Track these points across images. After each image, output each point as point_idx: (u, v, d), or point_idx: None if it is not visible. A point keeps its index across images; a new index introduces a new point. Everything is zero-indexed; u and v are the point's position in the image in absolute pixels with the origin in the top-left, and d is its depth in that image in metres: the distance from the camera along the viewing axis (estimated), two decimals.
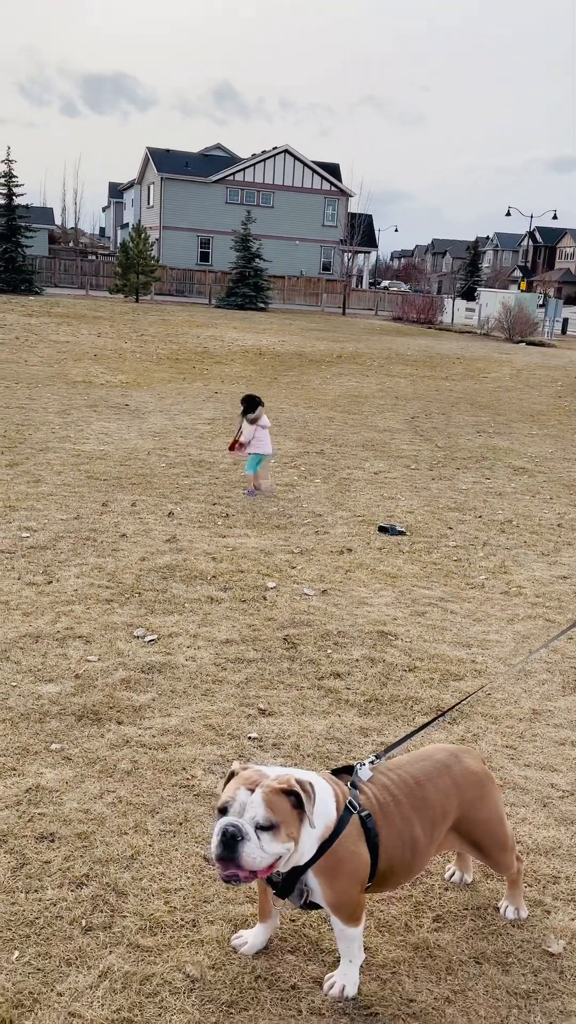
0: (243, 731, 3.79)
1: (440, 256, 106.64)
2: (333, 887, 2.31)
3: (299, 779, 2.27)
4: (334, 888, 2.31)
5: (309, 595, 5.55)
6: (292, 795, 2.23)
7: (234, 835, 2.16)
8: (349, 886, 2.32)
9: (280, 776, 2.27)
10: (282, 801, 2.21)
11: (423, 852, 2.50)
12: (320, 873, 2.30)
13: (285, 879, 2.32)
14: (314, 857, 2.29)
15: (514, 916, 2.77)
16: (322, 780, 2.39)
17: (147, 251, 39.04)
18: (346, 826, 2.32)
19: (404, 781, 2.52)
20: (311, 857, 2.29)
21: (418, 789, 2.51)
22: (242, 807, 2.20)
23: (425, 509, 8.00)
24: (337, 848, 2.30)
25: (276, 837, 2.19)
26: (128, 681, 4.19)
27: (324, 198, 55.78)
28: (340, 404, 14.34)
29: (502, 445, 11.63)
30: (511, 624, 5.31)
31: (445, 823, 2.55)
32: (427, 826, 2.49)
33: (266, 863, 2.20)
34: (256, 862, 2.17)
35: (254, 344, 23.17)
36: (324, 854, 2.29)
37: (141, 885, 2.81)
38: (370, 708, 4.10)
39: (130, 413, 11.90)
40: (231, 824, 2.18)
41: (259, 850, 2.17)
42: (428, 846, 2.51)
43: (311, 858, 2.29)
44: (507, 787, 3.49)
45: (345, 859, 2.31)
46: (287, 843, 2.21)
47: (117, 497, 7.55)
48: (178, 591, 5.42)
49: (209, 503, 7.61)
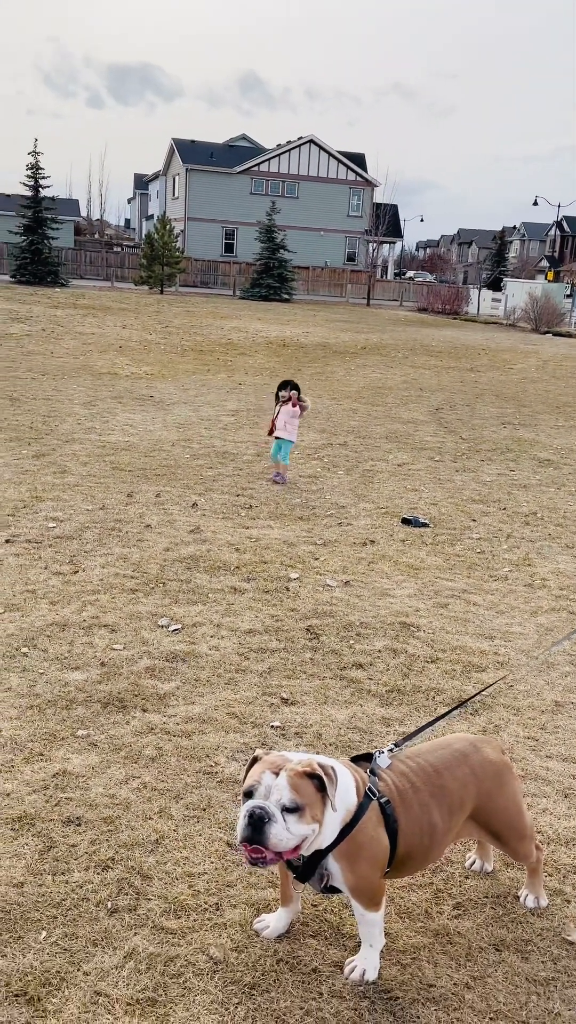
0: (266, 720, 3.84)
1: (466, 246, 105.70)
2: (353, 871, 2.34)
3: (321, 763, 2.31)
4: (354, 872, 2.35)
5: (332, 586, 5.57)
6: (315, 778, 2.27)
7: (261, 817, 2.20)
8: (369, 871, 2.36)
9: (303, 760, 2.31)
10: (306, 784, 2.25)
11: (441, 839, 2.53)
12: (340, 857, 2.34)
13: (306, 863, 2.36)
14: (335, 841, 2.33)
15: (534, 905, 2.79)
16: (342, 766, 2.43)
17: (172, 242, 39.11)
18: (366, 812, 2.35)
19: (422, 769, 2.55)
20: (332, 841, 2.33)
21: (436, 777, 2.54)
22: (267, 790, 2.24)
23: (449, 501, 7.99)
24: (357, 833, 2.33)
25: (301, 819, 2.22)
26: (153, 669, 4.25)
27: (349, 188, 55.49)
28: (364, 395, 14.32)
29: (527, 437, 11.56)
30: (534, 616, 5.30)
31: (463, 811, 2.57)
32: (444, 813, 2.52)
33: (292, 844, 2.24)
34: (282, 843, 2.21)
35: (278, 335, 23.17)
36: (345, 839, 2.33)
37: (165, 869, 2.86)
38: (392, 698, 4.13)
39: (155, 404, 11.97)
40: (258, 806, 2.22)
41: (285, 831, 2.21)
42: (446, 833, 2.54)
43: (331, 842, 2.33)
44: (529, 778, 3.51)
45: (365, 844, 2.34)
46: (312, 825, 2.25)
47: (142, 488, 7.62)
48: (202, 581, 5.47)
49: (232, 494, 7.65)
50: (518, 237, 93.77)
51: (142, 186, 77.72)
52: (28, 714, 3.76)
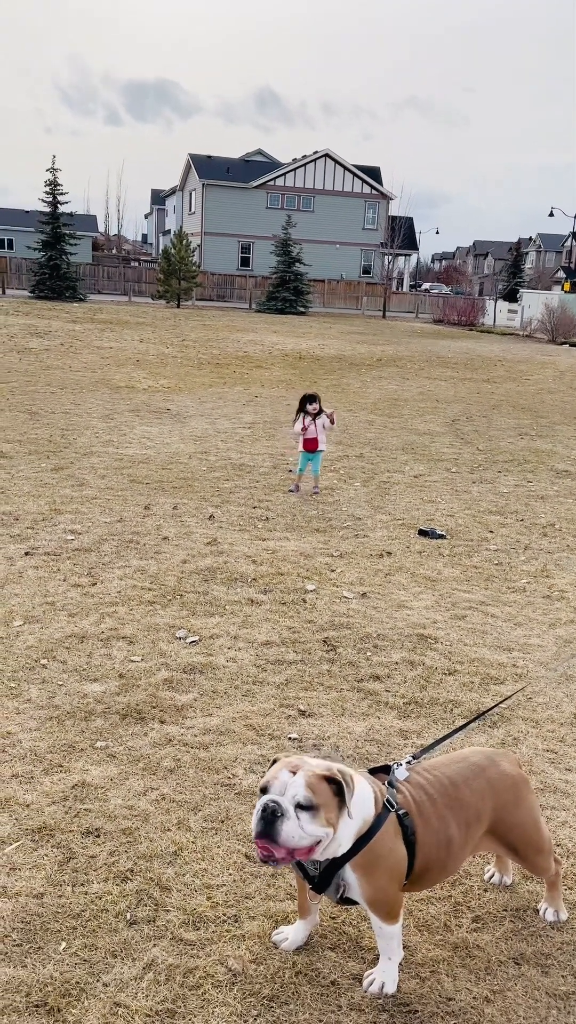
0: (283, 731, 3.84)
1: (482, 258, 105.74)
2: (371, 883, 2.34)
3: (341, 769, 2.31)
4: (372, 884, 2.34)
5: (348, 598, 5.57)
6: (333, 783, 2.27)
7: (274, 811, 2.20)
8: (387, 882, 2.35)
9: (322, 764, 2.32)
10: (323, 786, 2.26)
11: (458, 852, 2.53)
12: (357, 868, 2.33)
13: (322, 873, 2.36)
14: (352, 852, 2.33)
15: (553, 918, 2.77)
16: (361, 777, 2.43)
17: (188, 257, 39.44)
18: (384, 823, 2.35)
19: (439, 781, 2.55)
20: (349, 852, 2.33)
21: (453, 790, 2.54)
22: (283, 786, 2.24)
23: (466, 512, 7.97)
24: (375, 844, 2.33)
25: (315, 818, 2.22)
26: (170, 681, 4.26)
27: (364, 202, 55.74)
28: (380, 407, 14.33)
29: (544, 448, 11.52)
30: (553, 628, 5.28)
31: (480, 825, 2.56)
32: (462, 826, 2.51)
33: (304, 844, 2.23)
34: (294, 840, 2.20)
35: (294, 348, 23.26)
36: (362, 850, 2.33)
37: (184, 880, 2.87)
38: (410, 711, 4.12)
39: (172, 417, 12.05)
40: (271, 800, 2.21)
41: (298, 829, 2.20)
42: (463, 846, 2.53)
43: (349, 853, 2.33)
44: (547, 791, 3.49)
45: (383, 855, 2.34)
46: (326, 828, 2.24)
47: (159, 500, 7.66)
48: (219, 593, 5.49)
49: (249, 506, 7.68)
50: (534, 248, 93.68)
51: (159, 201, 78.42)
52: (47, 725, 3.79)
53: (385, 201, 56.13)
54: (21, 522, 6.72)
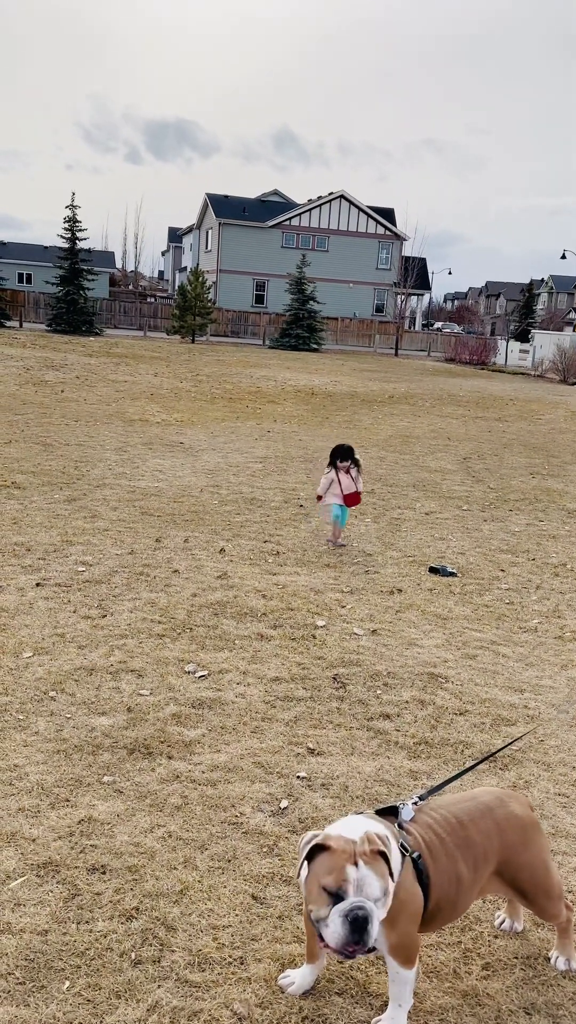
0: (292, 770, 3.81)
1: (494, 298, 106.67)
2: (395, 929, 2.31)
3: (379, 835, 2.26)
4: (396, 931, 2.31)
5: (359, 635, 5.55)
6: (383, 855, 2.23)
7: (366, 919, 2.13)
8: (409, 928, 2.33)
9: (366, 836, 2.24)
10: (382, 866, 2.21)
11: (468, 891, 2.49)
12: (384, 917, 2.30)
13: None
14: None
15: (565, 967, 2.71)
16: (376, 823, 2.40)
17: (204, 294, 39.98)
18: (402, 869, 2.32)
19: (447, 820, 2.52)
20: None
21: (460, 829, 2.51)
22: (358, 886, 2.15)
23: (477, 551, 7.96)
24: (397, 891, 2.29)
25: (386, 902, 2.21)
26: (179, 716, 4.24)
27: (378, 242, 56.50)
28: (392, 444, 14.38)
29: (556, 487, 11.52)
30: (565, 670, 5.24)
31: (487, 865, 2.53)
32: (470, 865, 2.49)
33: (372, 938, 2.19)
34: (376, 933, 2.18)
35: (306, 384, 23.44)
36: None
37: (190, 920, 2.83)
38: (420, 751, 4.08)
39: (184, 451, 12.13)
40: (359, 907, 2.13)
41: (379, 921, 2.18)
42: (472, 885, 2.50)
43: None
44: (559, 835, 3.43)
45: (405, 901, 2.31)
46: (389, 903, 2.23)
47: (170, 533, 7.69)
48: (229, 627, 5.48)
49: (260, 540, 7.69)
50: (546, 289, 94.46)
51: (176, 239, 79.76)
52: (55, 759, 3.77)
53: (399, 241, 56.88)
54: (33, 553, 6.75)
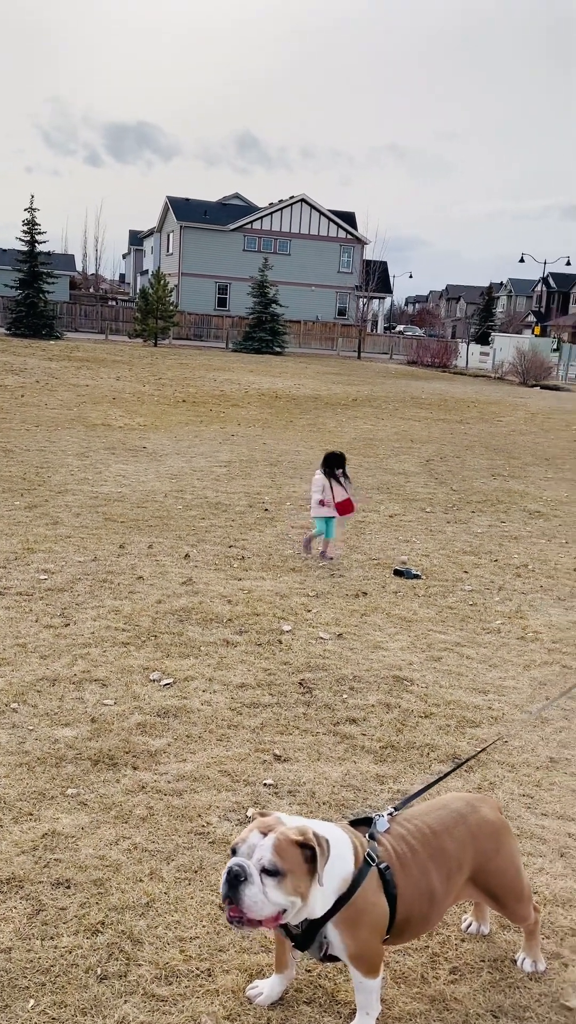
0: (258, 777, 3.79)
1: (454, 301, 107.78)
2: (353, 939, 2.30)
3: (317, 833, 2.23)
4: (354, 940, 2.30)
5: (325, 639, 5.55)
6: (307, 848, 2.19)
7: (238, 875, 2.14)
8: (369, 937, 2.31)
9: (298, 826, 2.24)
10: (294, 851, 2.18)
11: (440, 903, 2.49)
12: (340, 925, 2.29)
13: (304, 932, 2.32)
14: (333, 909, 2.28)
15: (531, 969, 2.73)
16: (342, 832, 2.39)
17: (166, 297, 39.80)
18: (365, 878, 2.32)
19: (420, 831, 2.52)
20: (331, 910, 2.28)
21: (434, 839, 2.51)
22: (251, 849, 2.17)
23: (440, 552, 8.01)
24: (357, 900, 2.29)
25: (281, 886, 2.14)
26: (144, 725, 4.20)
27: (340, 245, 56.77)
28: (355, 447, 14.43)
29: (517, 488, 11.65)
30: (528, 670, 5.29)
31: (461, 874, 2.54)
32: (443, 877, 2.48)
33: (268, 911, 2.15)
34: (257, 907, 2.14)
35: (270, 387, 23.44)
36: (344, 906, 2.28)
37: (156, 933, 2.80)
38: (386, 755, 4.09)
39: (147, 456, 12.04)
40: (237, 864, 2.15)
41: (261, 895, 2.13)
42: (445, 897, 2.50)
43: (331, 911, 2.28)
44: (524, 837, 3.46)
45: (365, 911, 2.30)
46: (292, 896, 2.16)
47: (134, 539, 7.62)
48: (194, 634, 5.45)
49: (225, 545, 7.66)
50: (505, 293, 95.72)
51: (137, 242, 79.33)
52: (17, 772, 3.71)
53: (360, 245, 57.20)
54: None
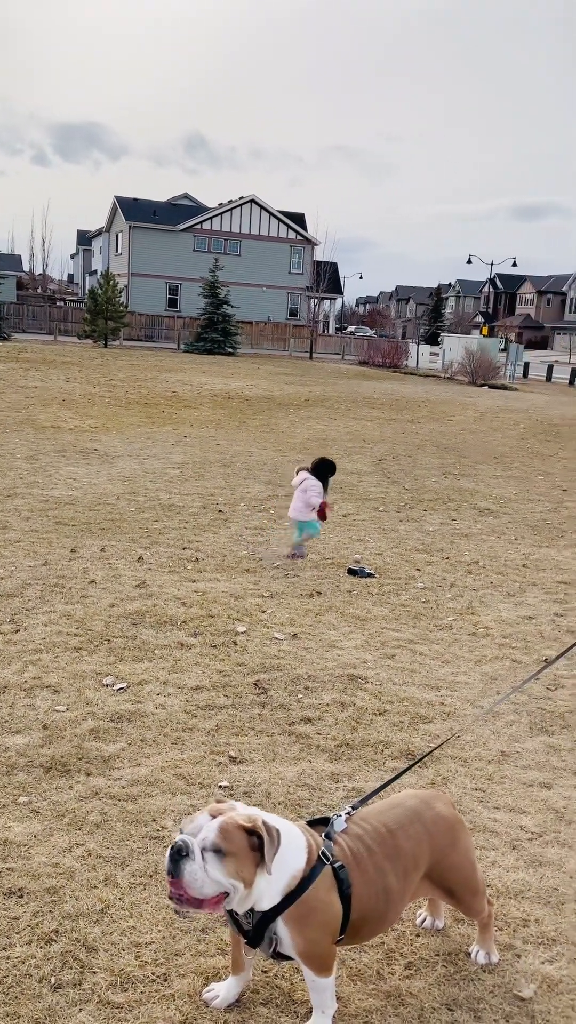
0: (214, 780, 3.78)
1: (404, 302, 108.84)
2: (303, 936, 2.30)
3: (267, 823, 2.26)
4: (304, 937, 2.30)
5: (279, 639, 5.56)
6: (254, 835, 2.22)
7: (180, 850, 2.15)
8: (319, 936, 2.32)
9: (250, 815, 2.26)
10: (239, 835, 2.20)
11: (396, 902, 2.50)
12: (289, 922, 2.29)
13: (255, 927, 2.32)
14: (283, 905, 2.29)
15: (485, 961, 2.77)
16: (297, 830, 2.39)
17: (116, 297, 39.42)
18: (318, 876, 2.32)
19: (376, 830, 2.52)
20: (279, 905, 2.29)
21: (390, 838, 2.52)
22: (197, 828, 2.19)
23: (393, 551, 8.08)
24: (308, 898, 2.29)
25: (222, 865, 2.16)
26: (97, 731, 4.16)
27: (290, 246, 56.89)
28: (309, 447, 14.47)
29: (467, 487, 11.81)
30: (479, 665, 5.37)
31: (418, 871, 2.56)
32: (400, 875, 2.49)
33: (208, 891, 2.17)
34: (196, 884, 2.15)
35: (223, 388, 23.38)
36: (294, 903, 2.29)
37: (111, 940, 2.77)
38: (341, 753, 4.11)
39: (99, 458, 11.91)
40: (181, 839, 2.17)
41: (201, 872, 2.14)
42: (402, 895, 2.52)
43: (280, 906, 2.29)
44: (477, 830, 3.51)
45: (316, 909, 2.30)
46: (234, 879, 2.18)
47: (86, 543, 7.54)
48: (148, 637, 5.41)
49: (179, 547, 7.62)
50: (453, 294, 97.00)
51: (85, 242, 78.46)
52: None
53: (310, 246, 57.38)
54: None
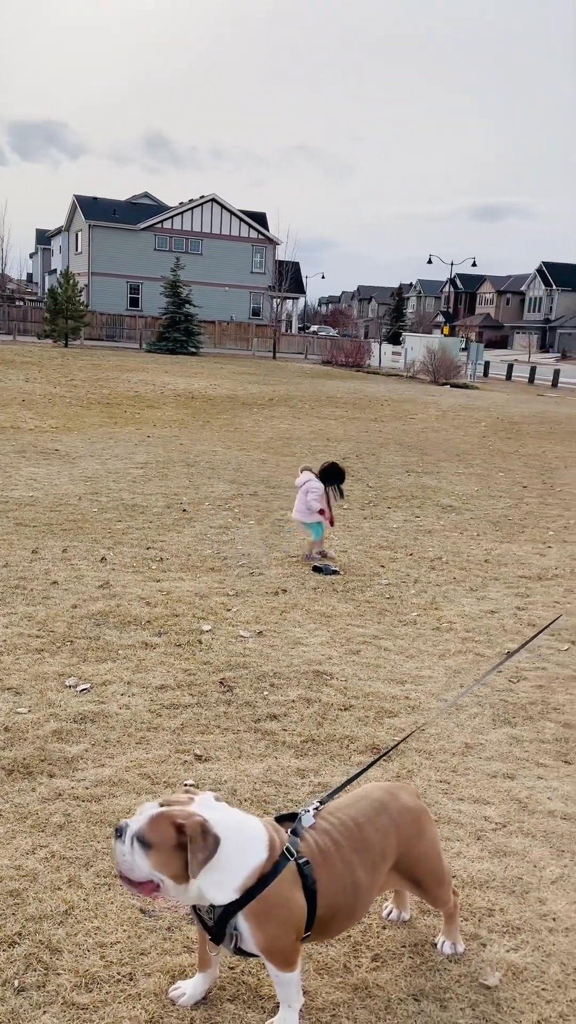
0: (179, 778, 3.76)
1: (366, 302, 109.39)
2: (263, 932, 2.29)
3: (202, 824, 2.22)
4: (264, 933, 2.29)
5: (245, 637, 5.55)
6: (183, 833, 2.22)
7: (117, 831, 2.26)
8: (280, 932, 2.31)
9: (190, 812, 2.26)
10: (168, 830, 2.22)
11: (365, 896, 2.50)
12: (250, 918, 2.28)
13: (216, 921, 2.31)
14: (243, 901, 2.28)
15: (451, 951, 2.79)
16: (259, 825, 2.38)
17: (76, 296, 39.04)
18: (280, 872, 2.31)
19: (344, 824, 2.52)
20: (240, 901, 2.27)
21: (358, 831, 2.52)
22: (140, 813, 2.27)
23: (358, 548, 8.11)
24: (269, 894, 2.28)
25: (147, 856, 2.21)
26: (60, 732, 4.11)
27: (252, 246, 56.82)
28: (272, 446, 14.48)
29: (430, 484, 11.91)
30: (443, 659, 5.41)
31: (386, 863, 2.56)
32: (369, 869, 2.49)
33: (137, 876, 2.24)
34: (125, 866, 2.23)
35: (186, 388, 23.28)
36: (255, 899, 2.28)
37: (76, 941, 2.74)
38: (307, 749, 4.11)
39: (60, 458, 11.79)
40: (124, 821, 2.28)
41: (129, 856, 2.22)
42: (370, 889, 2.52)
43: (240, 902, 2.28)
44: (442, 822, 3.54)
45: (278, 904, 2.29)
46: (159, 872, 2.22)
47: (47, 544, 7.45)
48: (111, 638, 5.36)
49: (143, 547, 7.57)
50: (414, 293, 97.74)
51: (44, 241, 77.58)
52: None
53: (272, 245, 57.35)
54: None
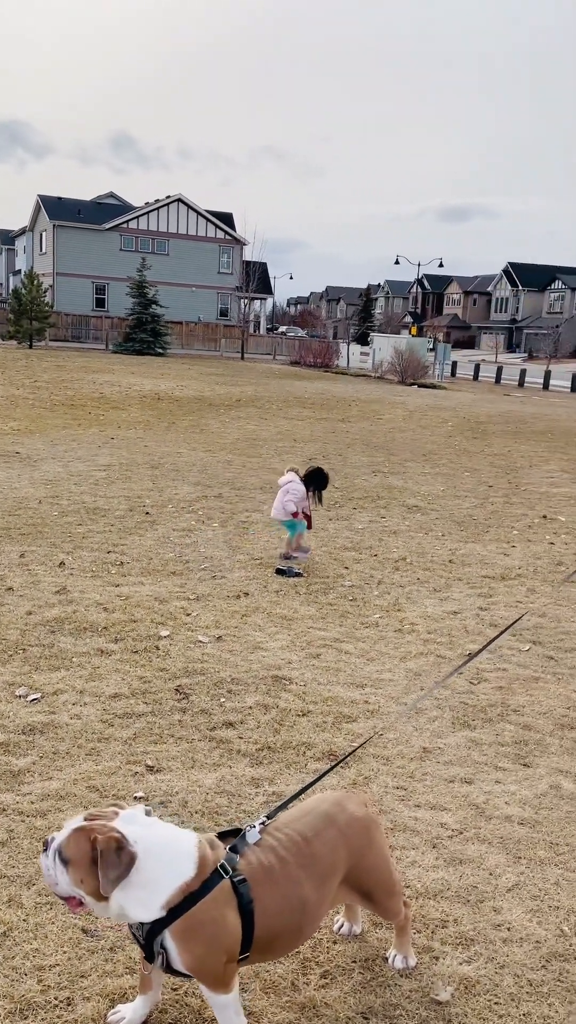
0: (129, 790, 3.65)
1: (334, 303, 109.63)
2: (189, 952, 2.20)
3: (121, 841, 2.17)
4: (191, 953, 2.20)
5: (204, 642, 5.45)
6: (90, 842, 2.19)
7: (45, 844, 2.26)
8: (208, 952, 2.21)
9: (110, 827, 2.20)
10: (83, 846, 2.19)
11: (314, 913, 2.41)
12: (176, 936, 2.19)
13: (145, 938, 2.23)
14: (169, 920, 2.19)
15: (402, 965, 2.71)
16: (188, 841, 2.28)
17: (40, 297, 38.61)
18: (211, 890, 2.22)
19: (291, 839, 2.43)
20: (166, 918, 2.19)
21: (306, 846, 2.42)
22: (63, 829, 2.25)
23: (322, 549, 8.04)
24: (196, 912, 2.19)
25: (67, 871, 2.20)
26: (6, 745, 3.98)
27: (219, 246, 56.60)
28: (239, 447, 14.37)
29: (397, 484, 11.88)
30: (404, 662, 5.35)
31: (335, 877, 2.47)
32: (317, 884, 2.40)
33: (60, 890, 2.23)
34: (49, 879, 2.24)
35: (152, 389, 23.09)
36: (180, 917, 2.19)
37: (13, 964, 2.63)
38: (262, 757, 4.03)
39: (21, 461, 11.58)
40: (51, 835, 2.27)
41: (52, 870, 2.22)
42: (319, 906, 2.42)
43: (166, 919, 2.19)
44: (398, 829, 3.47)
45: (204, 923, 2.20)
46: (78, 888, 2.20)
47: (4, 549, 7.28)
48: (66, 645, 5.23)
49: (103, 551, 7.43)
50: (382, 294, 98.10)
51: (8, 242, 76.72)
52: None
53: (239, 246, 57.19)
54: None
